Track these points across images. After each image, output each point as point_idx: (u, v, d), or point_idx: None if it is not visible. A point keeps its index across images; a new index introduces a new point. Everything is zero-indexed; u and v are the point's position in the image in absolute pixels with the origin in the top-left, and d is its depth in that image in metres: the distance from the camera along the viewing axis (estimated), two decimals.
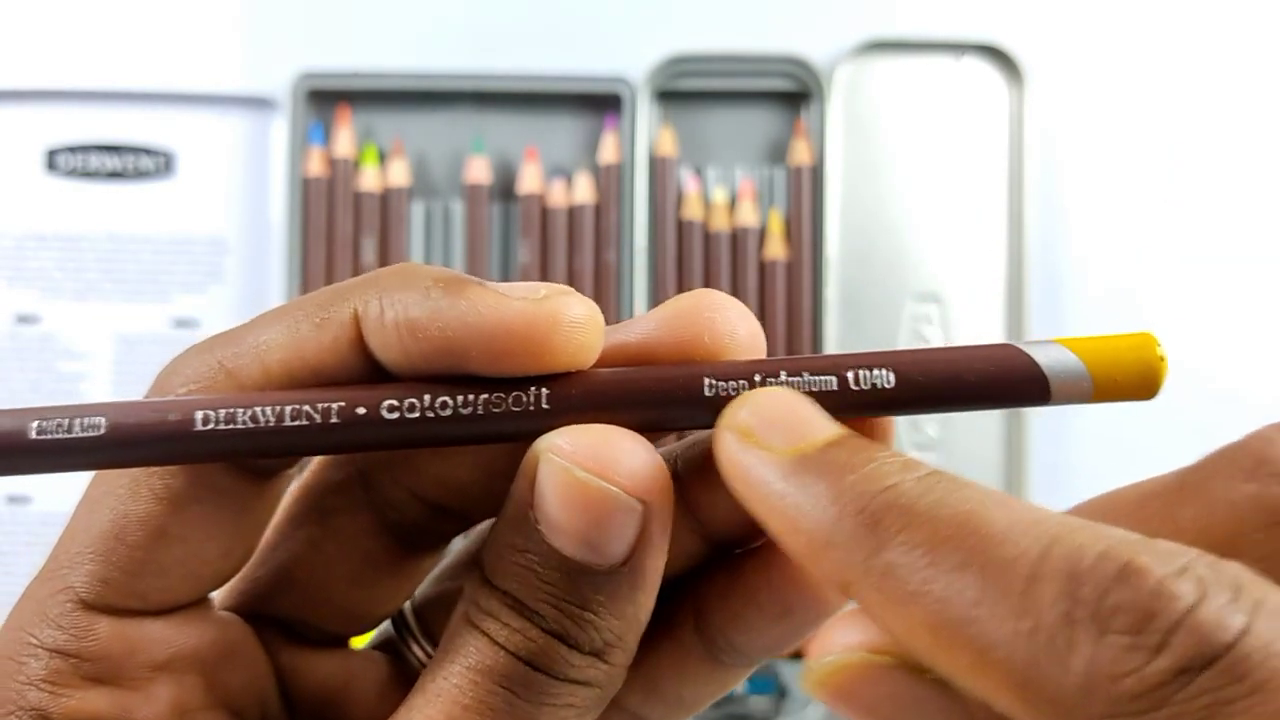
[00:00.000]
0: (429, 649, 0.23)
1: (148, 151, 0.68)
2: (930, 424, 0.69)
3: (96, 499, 0.19)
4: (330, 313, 0.19)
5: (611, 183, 0.67)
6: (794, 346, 0.67)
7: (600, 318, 0.19)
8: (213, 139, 0.68)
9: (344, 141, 0.67)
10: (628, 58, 0.67)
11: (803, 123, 0.68)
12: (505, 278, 0.68)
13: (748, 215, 0.68)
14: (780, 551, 0.19)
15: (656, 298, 0.67)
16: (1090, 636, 0.13)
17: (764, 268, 0.68)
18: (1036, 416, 0.68)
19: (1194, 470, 0.17)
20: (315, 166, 0.67)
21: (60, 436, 0.18)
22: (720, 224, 0.68)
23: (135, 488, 0.19)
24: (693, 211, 0.68)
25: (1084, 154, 0.69)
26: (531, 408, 0.18)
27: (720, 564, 0.21)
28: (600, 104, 0.68)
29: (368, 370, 0.19)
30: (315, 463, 0.22)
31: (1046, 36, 0.69)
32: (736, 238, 0.68)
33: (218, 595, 0.21)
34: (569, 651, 0.18)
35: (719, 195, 0.68)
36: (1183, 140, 0.69)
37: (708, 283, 0.68)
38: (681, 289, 0.67)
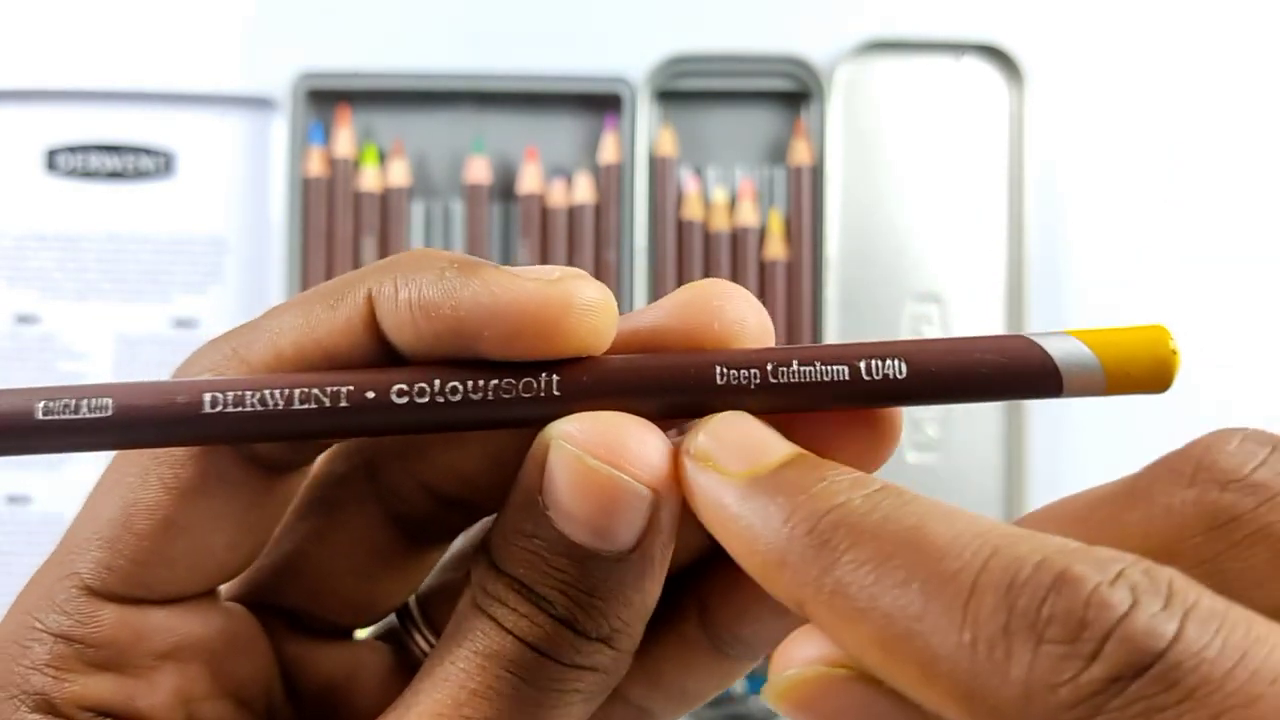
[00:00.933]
0: (432, 639, 0.23)
1: (148, 151, 0.68)
2: (930, 424, 0.69)
3: (108, 487, 0.19)
4: (344, 295, 0.19)
5: (611, 183, 0.67)
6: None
7: (613, 303, 0.18)
8: (213, 139, 0.68)
9: (344, 141, 0.67)
10: (628, 58, 0.67)
11: (803, 123, 0.68)
12: None
13: (748, 215, 0.68)
14: None
15: (656, 298, 0.67)
16: (1027, 646, 0.13)
17: (764, 268, 0.68)
18: (1036, 417, 0.68)
19: (1140, 476, 0.17)
20: (315, 166, 0.67)
21: (67, 417, 0.18)
22: (720, 224, 0.68)
23: (145, 476, 0.19)
24: (693, 211, 0.68)
25: (1084, 154, 0.69)
26: (542, 394, 0.18)
27: (725, 557, 0.21)
28: (600, 104, 0.68)
29: (381, 354, 0.19)
30: (322, 455, 0.22)
31: (1046, 36, 0.69)
32: (736, 238, 0.68)
33: (224, 585, 0.21)
34: (576, 638, 0.18)
35: (719, 195, 0.68)
36: (1182, 140, 0.69)
37: None
38: None
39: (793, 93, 0.69)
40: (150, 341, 0.67)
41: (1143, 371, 0.18)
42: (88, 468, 0.65)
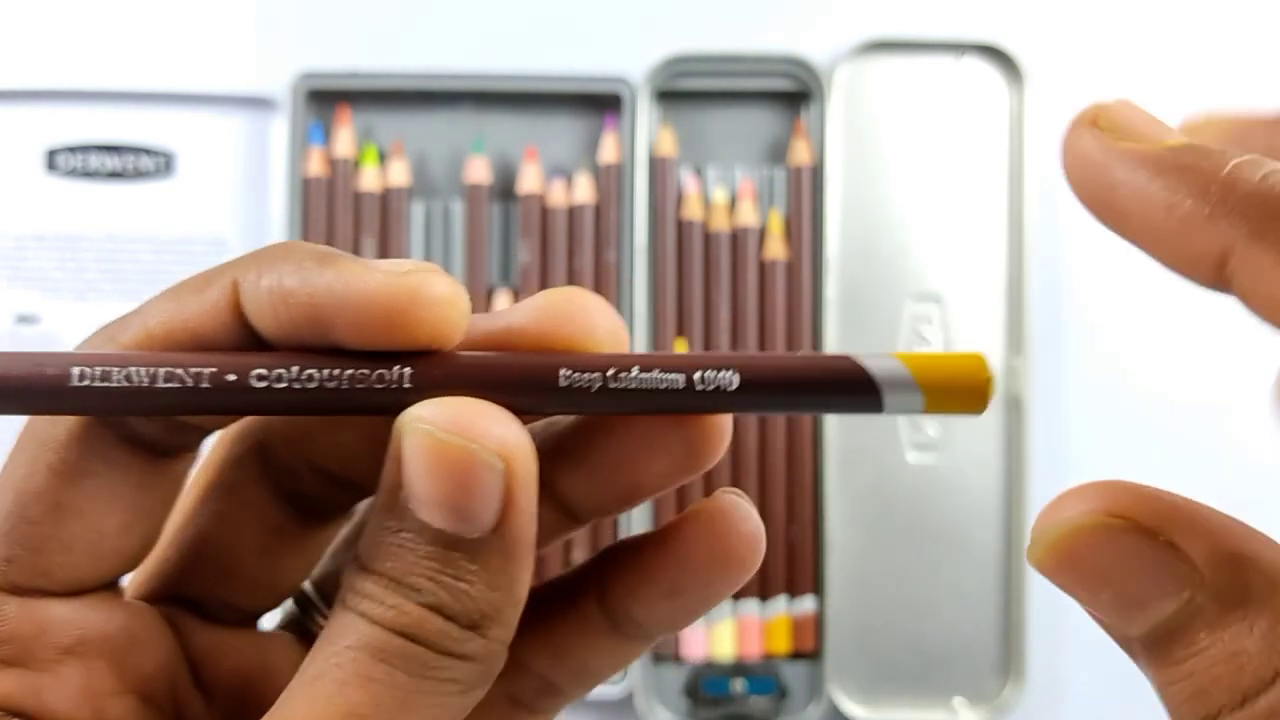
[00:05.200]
0: None
1: (148, 151, 0.68)
2: (930, 425, 0.69)
3: (1, 483, 0.20)
4: (212, 281, 0.20)
5: (611, 183, 0.67)
6: (794, 346, 0.67)
7: (465, 298, 0.19)
8: (213, 139, 0.68)
9: (344, 141, 0.67)
10: (628, 58, 0.67)
11: (803, 123, 0.68)
12: (506, 277, 0.68)
13: (748, 215, 0.68)
14: (676, 533, 0.21)
15: (657, 298, 0.67)
16: None
17: (764, 268, 0.68)
18: (1037, 417, 0.68)
19: None
20: (315, 166, 0.67)
21: None
22: (720, 224, 0.68)
23: (33, 464, 0.20)
24: (693, 211, 0.68)
25: None
26: (394, 385, 0.19)
27: (621, 543, 0.22)
28: (600, 104, 0.68)
29: (247, 338, 0.20)
30: (215, 439, 0.23)
31: (1046, 36, 0.69)
32: (736, 238, 0.68)
33: (129, 583, 0.22)
34: (446, 624, 0.18)
35: (719, 195, 0.68)
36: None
37: (708, 283, 0.68)
38: (681, 289, 0.67)
39: (793, 93, 0.69)
40: None
41: (959, 393, 0.20)
42: None
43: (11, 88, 0.68)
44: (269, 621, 0.25)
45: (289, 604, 0.25)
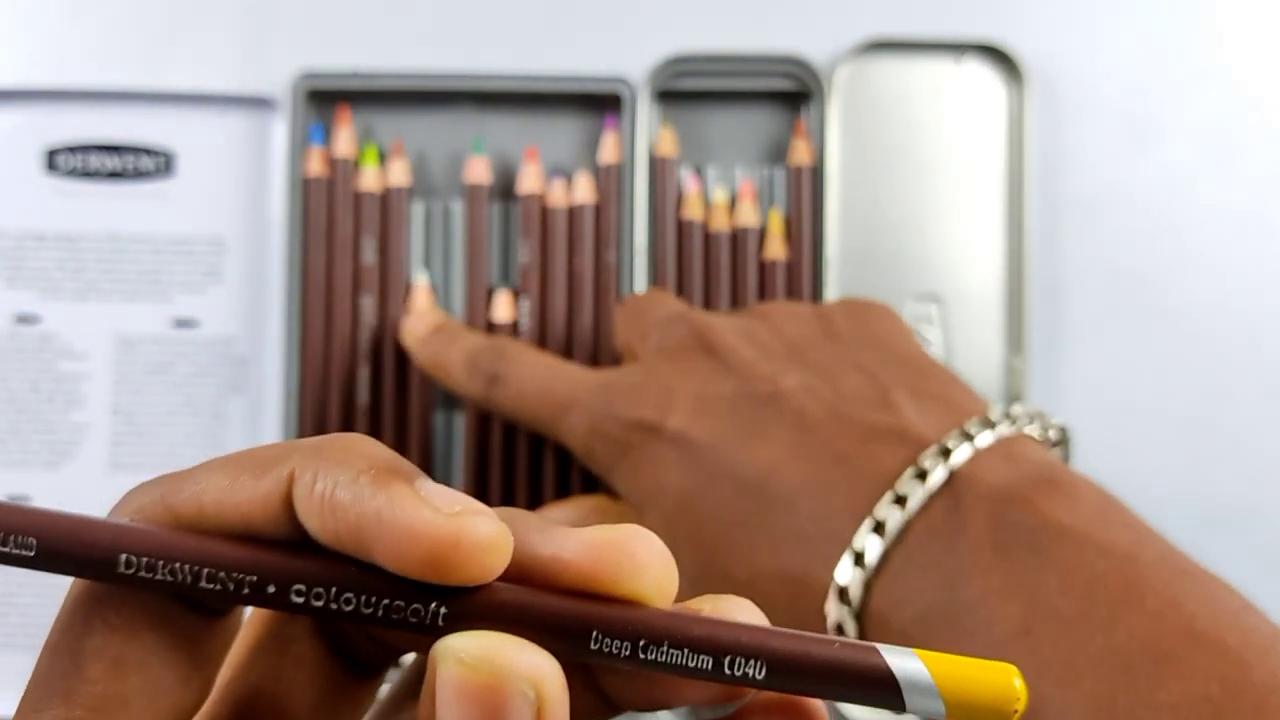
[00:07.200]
0: None
1: (148, 151, 0.68)
2: None
3: (55, 644, 0.20)
4: (270, 469, 0.20)
5: (611, 183, 0.67)
6: None
7: (509, 541, 0.20)
8: (213, 139, 0.68)
9: (344, 141, 0.67)
10: (628, 58, 0.67)
11: (803, 123, 0.68)
12: (505, 277, 0.68)
13: (748, 215, 0.68)
14: None
15: None
16: None
17: (764, 268, 0.68)
18: None
19: None
20: (315, 166, 0.67)
21: None
22: (720, 224, 0.68)
23: (88, 622, 0.20)
24: (693, 211, 0.68)
25: (1084, 154, 0.69)
26: (428, 622, 0.20)
27: None
28: (600, 104, 0.68)
29: (292, 529, 0.20)
30: None
31: (1046, 36, 0.69)
32: (736, 238, 0.68)
33: None
34: None
35: (719, 195, 0.68)
36: (1183, 140, 0.69)
37: (707, 282, 0.67)
38: (681, 289, 0.67)
39: (793, 93, 0.69)
40: (150, 341, 0.67)
41: (983, 712, 0.19)
42: (90, 465, 0.65)
43: (11, 88, 0.68)
44: None
45: None
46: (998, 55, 0.69)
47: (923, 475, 0.42)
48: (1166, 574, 0.38)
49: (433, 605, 0.20)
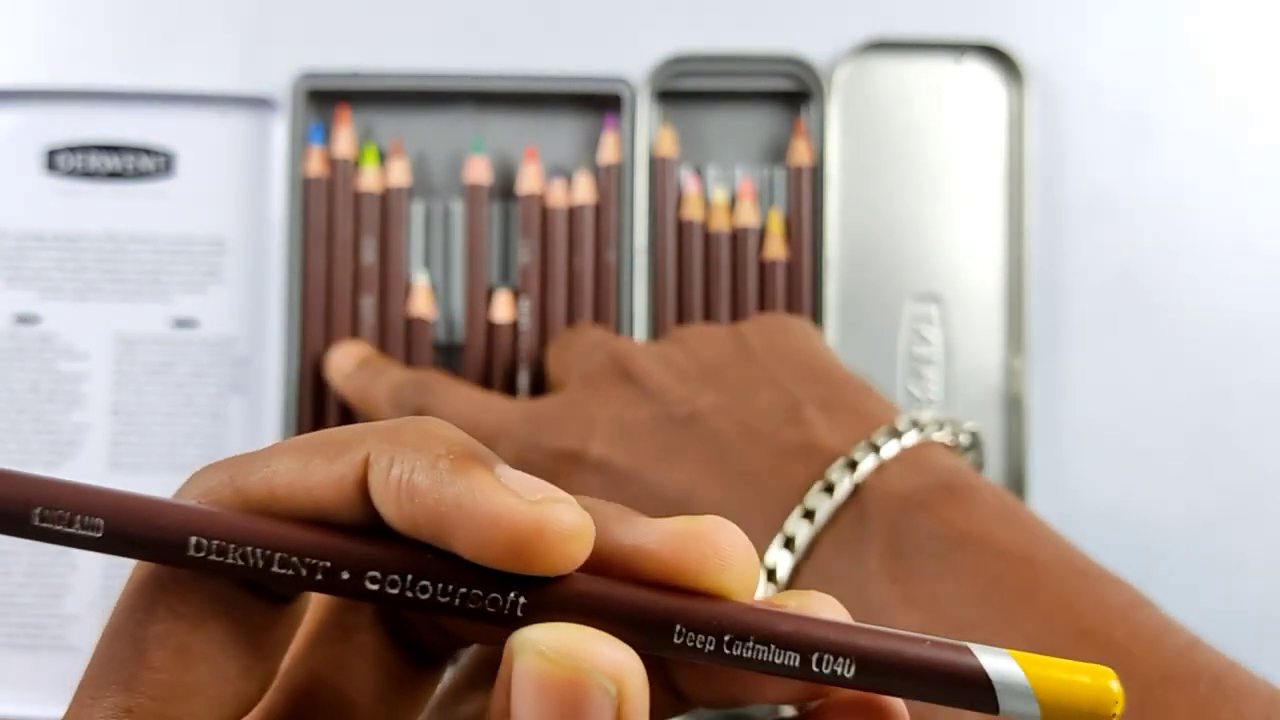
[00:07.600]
0: None
1: (148, 151, 0.68)
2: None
3: (117, 628, 0.20)
4: (344, 452, 0.20)
5: (611, 183, 0.67)
6: None
7: (590, 530, 0.19)
8: (213, 139, 0.68)
9: (344, 141, 0.67)
10: (628, 58, 0.67)
11: (803, 123, 0.68)
12: (506, 277, 0.68)
13: (748, 215, 0.68)
14: None
15: (656, 298, 0.67)
16: None
17: (764, 268, 0.68)
18: (1037, 417, 0.68)
19: None
20: (315, 166, 0.67)
21: (60, 528, 0.19)
22: (720, 224, 0.68)
23: (152, 608, 0.19)
24: (693, 211, 0.68)
25: (1084, 154, 0.69)
26: (506, 612, 0.19)
27: None
28: (600, 104, 0.68)
29: (367, 514, 0.20)
30: None
31: (1046, 36, 0.69)
32: (736, 238, 0.68)
33: None
34: None
35: (719, 195, 0.68)
36: (1184, 140, 0.69)
37: (707, 282, 0.67)
38: (681, 289, 0.67)
39: (793, 93, 0.69)
40: (150, 341, 0.67)
41: (1081, 714, 0.19)
42: (90, 465, 0.65)
43: (11, 88, 0.68)
44: None
45: None
46: (998, 55, 0.69)
47: (830, 488, 0.42)
48: (1060, 573, 0.38)
49: (511, 595, 0.19)
